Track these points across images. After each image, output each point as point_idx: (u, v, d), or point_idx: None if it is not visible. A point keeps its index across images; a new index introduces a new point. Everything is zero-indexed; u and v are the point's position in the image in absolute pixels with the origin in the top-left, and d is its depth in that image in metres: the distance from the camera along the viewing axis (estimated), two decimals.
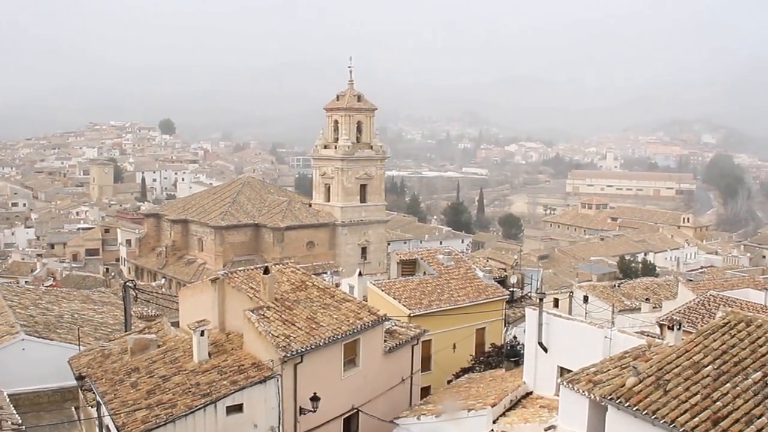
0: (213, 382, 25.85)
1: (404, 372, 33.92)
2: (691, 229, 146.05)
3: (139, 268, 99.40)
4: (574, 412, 20.58)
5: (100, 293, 51.09)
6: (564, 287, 68.82)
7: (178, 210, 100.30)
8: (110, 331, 38.96)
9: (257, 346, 27.14)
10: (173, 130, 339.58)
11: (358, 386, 30.37)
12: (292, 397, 26.97)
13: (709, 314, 37.69)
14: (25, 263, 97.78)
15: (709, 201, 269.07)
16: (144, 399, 25.64)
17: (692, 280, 57.88)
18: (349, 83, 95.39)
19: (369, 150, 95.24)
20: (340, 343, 29.11)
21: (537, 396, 26.97)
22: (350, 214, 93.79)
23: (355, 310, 31.12)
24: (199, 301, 31.46)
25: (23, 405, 31.65)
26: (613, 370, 20.67)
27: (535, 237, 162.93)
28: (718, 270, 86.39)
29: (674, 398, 17.10)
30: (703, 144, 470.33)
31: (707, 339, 19.14)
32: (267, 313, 28.22)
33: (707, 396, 16.95)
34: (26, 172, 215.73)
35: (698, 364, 18.19)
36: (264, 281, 29.41)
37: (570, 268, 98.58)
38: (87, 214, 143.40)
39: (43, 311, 39.91)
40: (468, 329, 41.34)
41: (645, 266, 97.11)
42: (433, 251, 48.50)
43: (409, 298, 40.15)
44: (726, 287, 46.33)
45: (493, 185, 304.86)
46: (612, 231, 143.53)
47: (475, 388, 30.47)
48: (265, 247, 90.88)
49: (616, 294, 56.86)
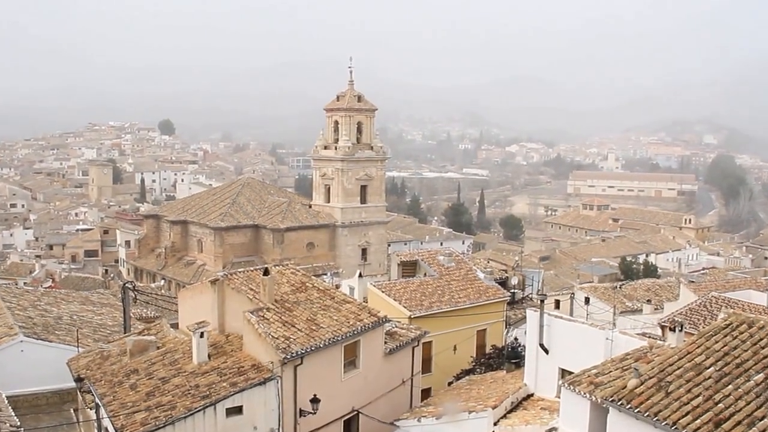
0: (212, 384, 25.83)
1: (405, 374, 33.91)
2: (693, 230, 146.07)
3: (139, 270, 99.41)
4: (575, 414, 20.59)
5: (99, 294, 51.13)
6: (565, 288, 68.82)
7: (178, 211, 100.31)
8: (109, 332, 38.95)
9: (257, 348, 27.13)
10: (173, 130, 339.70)
11: (358, 388, 30.35)
12: (292, 399, 26.95)
13: (710, 316, 37.70)
14: (23, 264, 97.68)
15: (711, 202, 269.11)
16: (143, 401, 25.63)
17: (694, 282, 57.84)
18: (350, 83, 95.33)
19: (369, 151, 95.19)
20: (341, 344, 29.11)
21: (538, 398, 26.96)
22: (350, 215, 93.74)
23: (355, 311, 31.12)
24: (198, 303, 31.42)
25: (22, 407, 31.64)
26: (615, 371, 20.70)
27: (536, 238, 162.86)
28: (720, 271, 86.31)
29: (676, 400, 17.10)
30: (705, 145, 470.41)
31: (709, 341, 19.14)
32: (267, 314, 28.22)
33: (709, 398, 16.95)
34: (25, 173, 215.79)
35: (700, 366, 18.19)
36: (264, 282, 29.40)
37: (571, 269, 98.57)
38: (86, 215, 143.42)
39: (42, 313, 39.90)
40: (469, 331, 41.36)
41: (646, 267, 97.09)
42: (433, 252, 48.52)
43: (409, 299, 40.16)
44: (728, 289, 46.36)
45: (494, 186, 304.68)
46: (613, 232, 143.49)
47: (476, 390, 30.46)
48: (264, 249, 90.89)
49: (617, 295, 56.86)
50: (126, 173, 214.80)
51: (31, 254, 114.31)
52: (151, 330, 34.12)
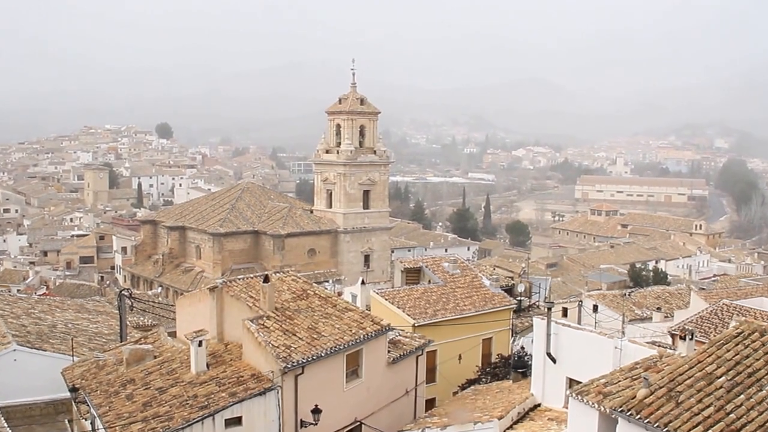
0: (211, 394, 25.84)
1: (408, 383, 33.87)
2: (704, 236, 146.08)
3: (135, 277, 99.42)
4: (583, 425, 20.57)
5: (94, 302, 51.16)
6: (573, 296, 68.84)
7: (176, 216, 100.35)
8: (105, 341, 38.98)
9: (257, 357, 27.14)
10: (170, 134, 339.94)
11: (361, 398, 30.33)
12: (293, 410, 26.94)
13: (722, 324, 37.67)
14: (17, 271, 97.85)
15: (722, 207, 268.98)
16: (140, 411, 25.66)
17: (705, 289, 57.84)
18: (352, 86, 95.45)
19: (372, 155, 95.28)
20: (343, 353, 29.09)
21: (545, 408, 26.97)
22: (353, 221, 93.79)
23: (357, 319, 31.11)
24: (196, 311, 31.47)
25: (15, 417, 31.68)
26: (624, 381, 20.67)
27: (543, 244, 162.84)
28: (732, 278, 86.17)
29: (687, 410, 17.08)
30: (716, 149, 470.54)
31: (720, 349, 19.13)
32: (267, 322, 28.22)
33: (720, 408, 16.93)
34: (19, 177, 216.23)
35: (711, 376, 18.17)
36: (264, 290, 29.42)
37: (579, 276, 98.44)
38: (81, 221, 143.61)
39: (36, 321, 39.93)
40: (474, 339, 41.32)
41: (656, 274, 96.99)
42: (438, 259, 48.51)
43: (413, 307, 40.13)
44: (740, 296, 46.33)
45: (500, 191, 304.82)
46: (622, 238, 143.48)
47: (482, 400, 30.45)
48: (265, 255, 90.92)
49: (626, 303, 56.78)
50: (122, 178, 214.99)
51: (25, 261, 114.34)
52: (148, 339, 34.16)
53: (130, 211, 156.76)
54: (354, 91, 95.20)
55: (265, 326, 27.88)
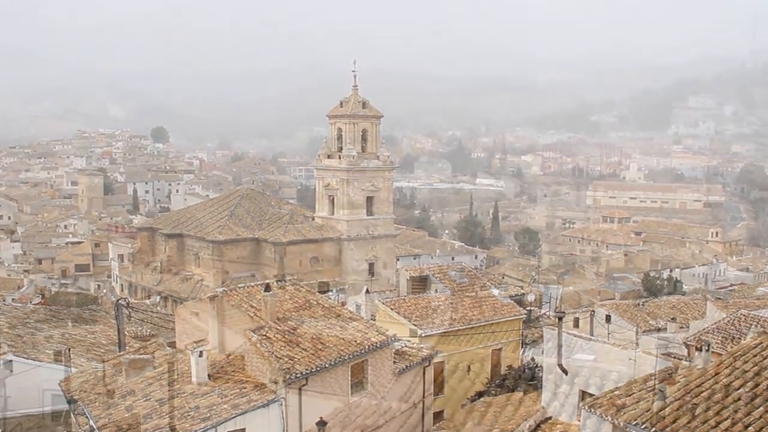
0: (213, 406, 25.99)
1: (416, 395, 33.97)
2: (720, 243, 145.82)
3: (133, 285, 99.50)
4: None
5: (91, 311, 51.31)
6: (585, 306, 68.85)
7: (173, 223, 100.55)
8: (103, 351, 39.11)
9: (259, 368, 27.31)
10: (167, 138, 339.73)
11: (366, 410, 30.46)
12: (297, 422, 27.08)
13: (739, 335, 37.67)
14: (11, 279, 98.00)
15: (739, 214, 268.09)
16: (140, 423, 25.79)
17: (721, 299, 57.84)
18: (354, 88, 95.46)
19: (375, 160, 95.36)
20: (347, 364, 29.23)
21: (556, 421, 27.05)
22: (356, 228, 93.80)
23: (362, 329, 31.26)
24: (196, 320, 31.62)
25: (11, 430, 31.81)
26: (639, 393, 20.74)
27: (554, 252, 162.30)
28: (749, 287, 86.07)
29: (703, 423, 17.18)
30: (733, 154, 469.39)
31: (738, 361, 19.24)
32: (269, 333, 28.38)
33: (738, 421, 17.02)
34: (10, 183, 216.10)
35: (728, 388, 18.27)
36: (265, 299, 29.57)
37: (591, 285, 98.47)
38: (76, 228, 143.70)
39: (32, 331, 40.13)
40: (483, 350, 41.40)
41: (671, 283, 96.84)
42: (445, 267, 48.71)
43: (419, 317, 40.22)
44: (758, 306, 46.30)
45: (509, 197, 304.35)
46: (636, 246, 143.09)
47: (492, 413, 30.54)
48: (265, 263, 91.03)
49: (640, 313, 56.80)
50: (117, 183, 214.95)
51: (19, 269, 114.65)
52: (147, 349, 34.29)
53: (126, 218, 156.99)
54: (356, 94, 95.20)
55: (268, 337, 28.06)
